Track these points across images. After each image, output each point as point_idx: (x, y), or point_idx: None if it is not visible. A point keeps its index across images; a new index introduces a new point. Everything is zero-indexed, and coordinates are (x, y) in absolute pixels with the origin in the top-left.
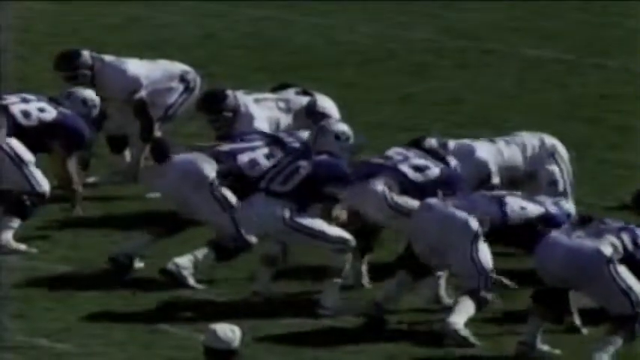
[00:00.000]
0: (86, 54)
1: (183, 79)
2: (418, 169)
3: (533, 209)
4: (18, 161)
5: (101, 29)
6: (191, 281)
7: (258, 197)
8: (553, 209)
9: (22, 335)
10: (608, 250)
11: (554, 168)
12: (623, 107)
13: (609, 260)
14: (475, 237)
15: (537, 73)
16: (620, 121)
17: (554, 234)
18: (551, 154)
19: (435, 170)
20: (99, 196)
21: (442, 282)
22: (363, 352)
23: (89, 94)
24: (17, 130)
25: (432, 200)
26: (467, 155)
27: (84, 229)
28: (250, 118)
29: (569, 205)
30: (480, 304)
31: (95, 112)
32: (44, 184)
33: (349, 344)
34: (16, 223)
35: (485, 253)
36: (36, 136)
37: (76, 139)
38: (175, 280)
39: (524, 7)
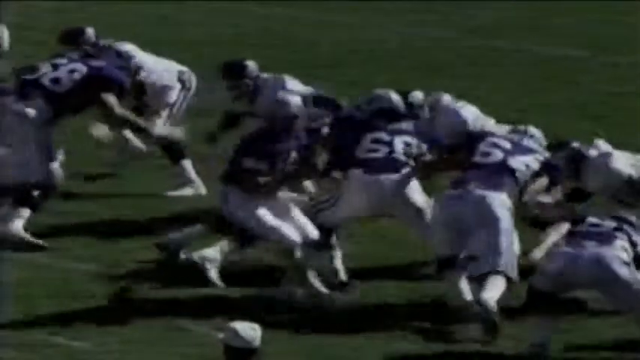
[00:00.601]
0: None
1: (179, 78)
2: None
3: None
4: (39, 149)
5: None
6: (213, 275)
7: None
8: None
9: (40, 333)
10: (624, 256)
11: None
12: (633, 105)
13: (628, 264)
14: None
15: (548, 70)
16: (630, 119)
17: (568, 248)
18: None
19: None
20: (115, 193)
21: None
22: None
23: (124, 46)
24: (53, 99)
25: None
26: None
27: (100, 227)
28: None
29: None
30: (509, 282)
31: (132, 63)
32: (58, 177)
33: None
34: (26, 212)
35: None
36: (74, 97)
37: (115, 85)
38: (196, 268)
39: (535, 5)
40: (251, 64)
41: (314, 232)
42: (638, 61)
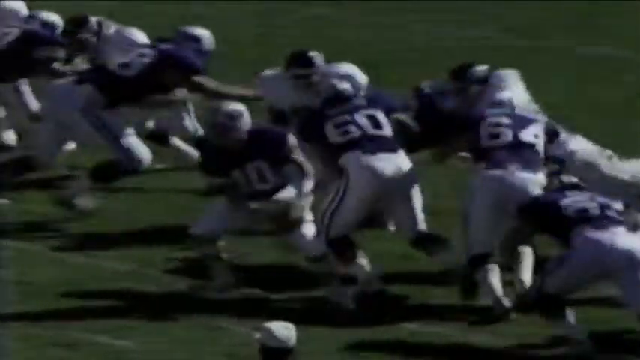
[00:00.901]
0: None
1: None
2: None
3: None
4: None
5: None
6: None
7: None
8: None
9: (82, 332)
10: None
11: None
12: None
13: None
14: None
15: (593, 70)
16: None
17: (599, 233)
18: None
19: None
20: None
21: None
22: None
23: (199, 31)
24: (121, 84)
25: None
26: None
27: (142, 228)
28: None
29: None
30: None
31: (204, 46)
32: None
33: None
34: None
35: None
36: (145, 80)
37: (187, 65)
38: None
39: (579, 4)
40: (317, 54)
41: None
42: None
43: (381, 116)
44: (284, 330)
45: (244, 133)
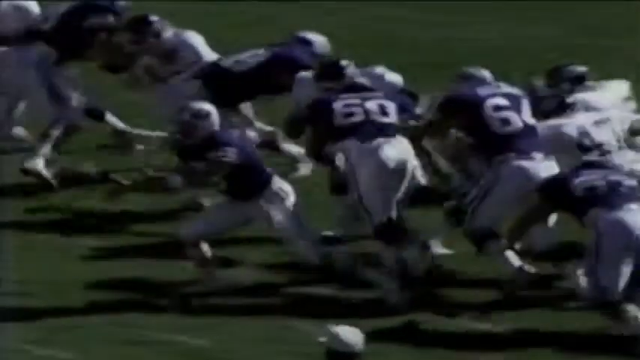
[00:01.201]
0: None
1: None
2: None
3: None
4: None
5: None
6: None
7: None
8: None
9: (161, 332)
10: None
11: None
12: None
13: None
14: None
15: None
16: None
17: (619, 212)
18: None
19: None
20: None
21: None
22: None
23: (312, 35)
24: (230, 80)
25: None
26: None
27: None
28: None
29: None
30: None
31: (317, 50)
32: None
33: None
34: None
35: None
36: (255, 78)
37: (298, 66)
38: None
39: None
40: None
41: None
42: None
43: (391, 106)
44: (351, 335)
45: (209, 133)
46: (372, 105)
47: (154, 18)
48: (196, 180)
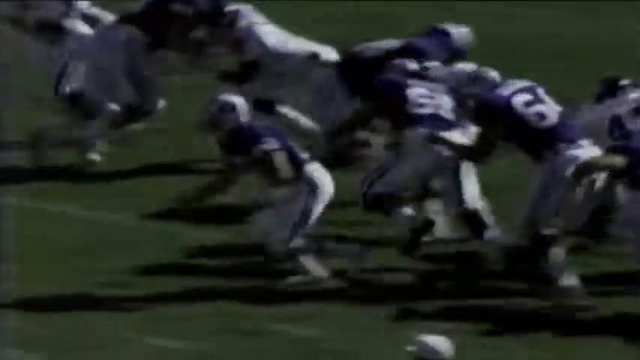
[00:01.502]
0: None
1: None
2: None
3: None
4: None
5: None
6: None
7: None
8: None
9: (267, 321)
10: None
11: None
12: None
13: None
14: None
15: None
16: None
17: None
18: None
19: None
20: None
21: None
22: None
23: (451, 26)
24: (360, 65)
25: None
26: None
27: None
28: None
29: None
30: None
31: (454, 42)
32: None
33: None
34: None
35: None
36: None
37: (422, 57)
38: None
39: None
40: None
41: None
42: None
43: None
44: (440, 343)
45: (236, 125)
46: (443, 100)
47: (231, 7)
48: (239, 174)
